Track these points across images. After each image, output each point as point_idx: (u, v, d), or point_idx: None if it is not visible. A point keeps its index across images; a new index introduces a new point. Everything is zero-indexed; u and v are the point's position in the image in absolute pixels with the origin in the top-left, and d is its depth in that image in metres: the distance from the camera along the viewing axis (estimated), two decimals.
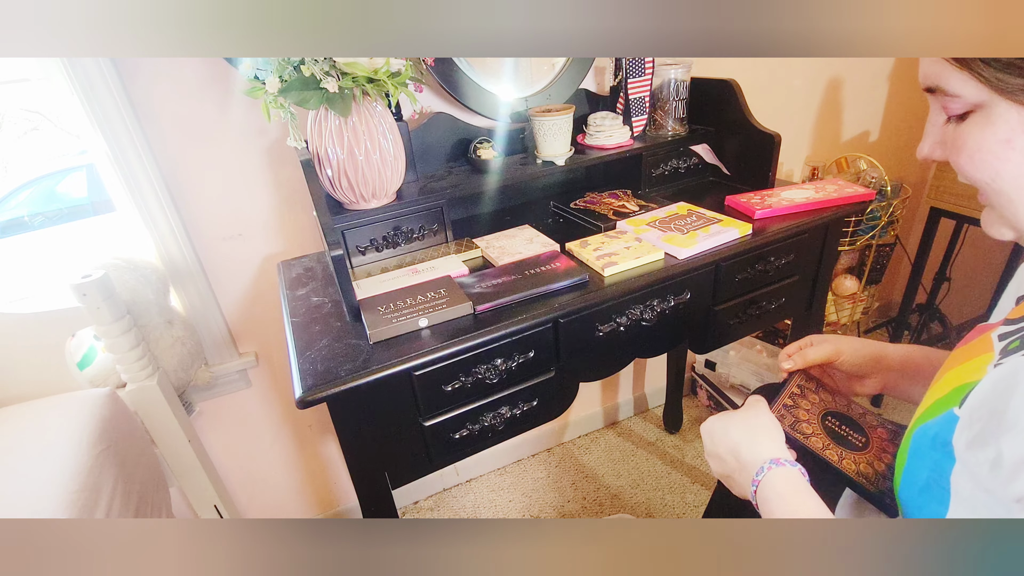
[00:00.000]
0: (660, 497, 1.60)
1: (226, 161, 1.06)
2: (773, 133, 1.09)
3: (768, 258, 1.04)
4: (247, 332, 1.23)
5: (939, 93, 0.43)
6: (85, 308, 0.91)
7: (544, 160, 1.08)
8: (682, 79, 1.15)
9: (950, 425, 0.43)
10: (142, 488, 0.96)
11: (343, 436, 0.78)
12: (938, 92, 0.43)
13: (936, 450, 0.44)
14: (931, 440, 0.45)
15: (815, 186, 1.11)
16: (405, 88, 0.86)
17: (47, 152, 2.57)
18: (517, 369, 0.85)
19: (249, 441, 1.36)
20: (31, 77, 0.91)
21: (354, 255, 0.98)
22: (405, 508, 1.65)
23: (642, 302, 0.93)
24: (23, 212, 2.56)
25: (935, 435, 0.44)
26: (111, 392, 0.99)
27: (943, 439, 0.43)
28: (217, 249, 1.13)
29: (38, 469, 0.80)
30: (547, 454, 1.80)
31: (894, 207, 1.56)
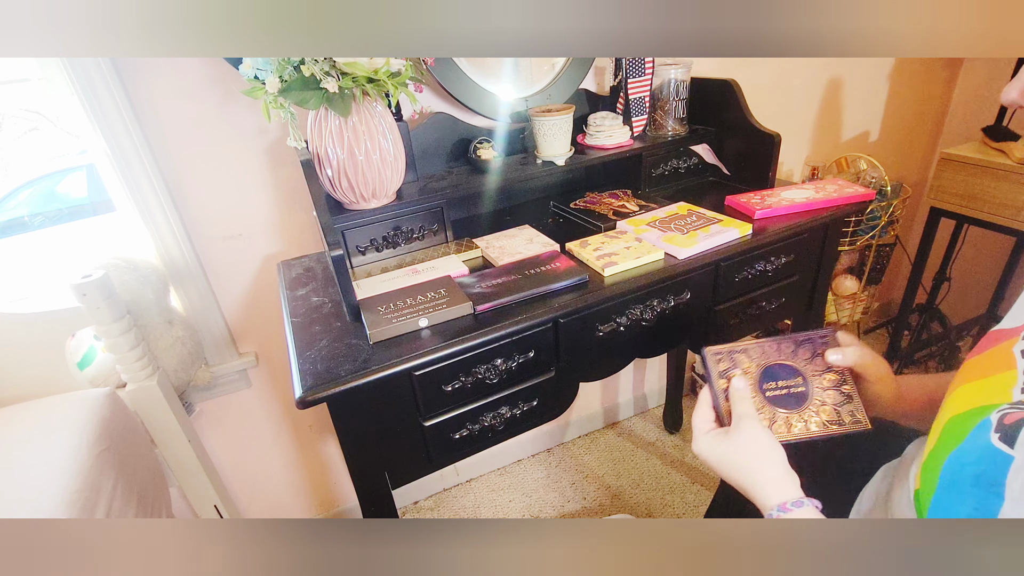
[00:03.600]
0: (660, 497, 1.60)
1: (226, 161, 1.06)
2: (773, 133, 1.09)
3: (768, 258, 1.04)
4: (247, 332, 1.23)
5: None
6: (85, 308, 0.91)
7: (544, 160, 1.08)
8: (682, 79, 1.15)
9: (996, 462, 0.40)
10: (142, 488, 0.96)
11: (343, 436, 0.78)
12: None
13: (981, 488, 0.41)
14: (974, 478, 0.42)
15: (815, 186, 1.11)
16: (405, 88, 0.86)
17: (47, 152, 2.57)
18: (517, 369, 0.85)
19: (249, 441, 1.36)
20: (31, 77, 0.91)
21: (354, 255, 0.98)
22: (405, 508, 1.65)
23: (642, 302, 0.93)
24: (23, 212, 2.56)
25: (980, 474, 0.41)
26: (111, 392, 0.99)
27: (990, 478, 0.40)
28: (217, 249, 1.13)
29: (38, 469, 0.80)
30: (547, 454, 1.80)
31: (894, 207, 1.56)
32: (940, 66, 1.78)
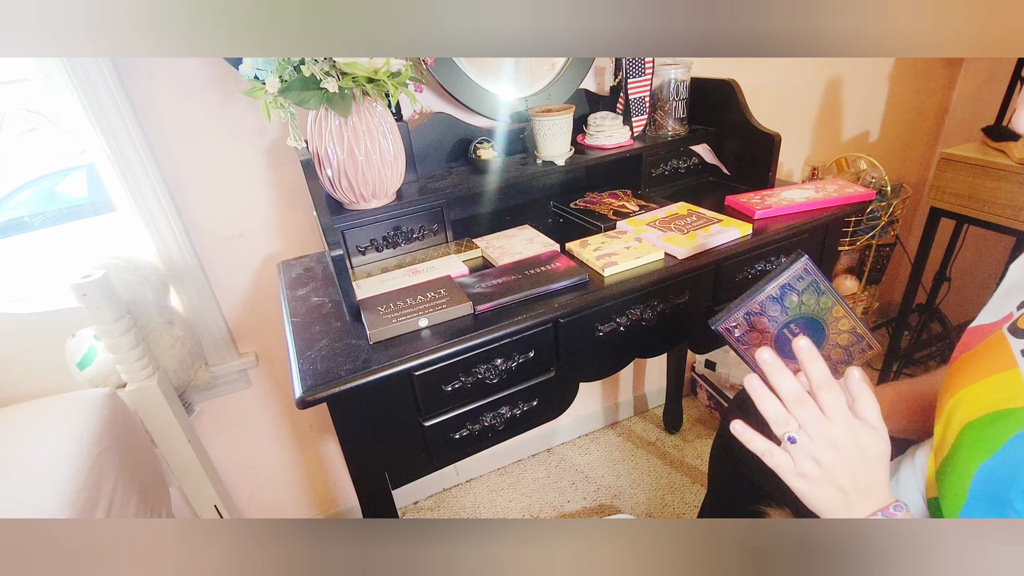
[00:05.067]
0: (660, 497, 1.60)
1: (226, 161, 1.06)
2: (773, 133, 1.09)
3: (768, 258, 1.04)
4: (247, 332, 1.23)
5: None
6: (85, 308, 0.91)
7: (544, 160, 1.08)
8: (682, 79, 1.15)
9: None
10: (142, 488, 0.96)
11: (343, 436, 0.78)
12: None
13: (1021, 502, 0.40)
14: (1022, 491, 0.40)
15: (815, 186, 1.11)
16: (405, 88, 0.86)
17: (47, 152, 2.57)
18: (517, 369, 0.85)
19: (249, 441, 1.36)
20: (31, 77, 0.91)
21: (354, 255, 0.98)
22: (405, 508, 1.65)
23: (642, 302, 0.93)
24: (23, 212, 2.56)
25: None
26: (111, 392, 0.99)
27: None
28: (217, 249, 1.13)
29: (38, 469, 0.80)
30: (547, 454, 1.80)
31: (894, 207, 1.56)
32: (940, 66, 1.78)
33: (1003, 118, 1.58)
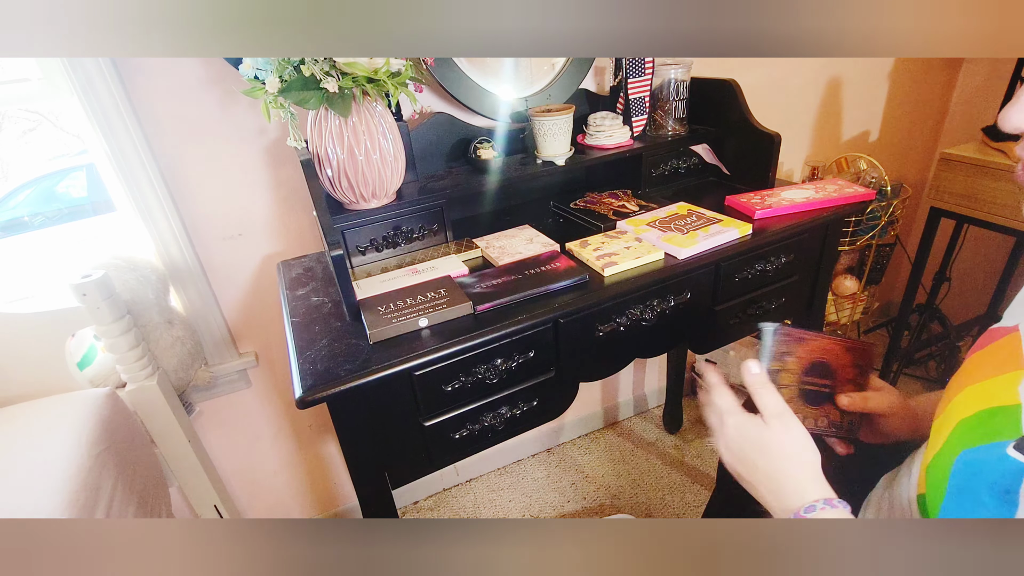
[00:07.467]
0: (660, 497, 1.60)
1: (226, 161, 1.06)
2: (773, 133, 1.09)
3: (768, 258, 1.04)
4: (247, 332, 1.23)
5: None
6: (85, 308, 0.91)
7: (544, 160, 1.08)
8: (682, 79, 1.15)
9: (1010, 471, 0.40)
10: (142, 488, 0.96)
11: (343, 436, 0.78)
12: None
13: (994, 497, 0.41)
14: (988, 487, 0.41)
15: (815, 186, 1.11)
16: (405, 88, 0.86)
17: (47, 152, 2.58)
18: (517, 369, 0.85)
19: (249, 441, 1.36)
20: (31, 77, 0.91)
21: (354, 255, 0.98)
22: (405, 508, 1.65)
23: (642, 302, 0.93)
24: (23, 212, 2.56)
25: (993, 482, 0.41)
26: (111, 392, 0.99)
27: (1004, 487, 0.40)
28: (217, 249, 1.13)
29: (38, 469, 0.80)
30: (547, 454, 1.80)
31: (894, 207, 1.56)
32: (940, 66, 1.78)
33: None
